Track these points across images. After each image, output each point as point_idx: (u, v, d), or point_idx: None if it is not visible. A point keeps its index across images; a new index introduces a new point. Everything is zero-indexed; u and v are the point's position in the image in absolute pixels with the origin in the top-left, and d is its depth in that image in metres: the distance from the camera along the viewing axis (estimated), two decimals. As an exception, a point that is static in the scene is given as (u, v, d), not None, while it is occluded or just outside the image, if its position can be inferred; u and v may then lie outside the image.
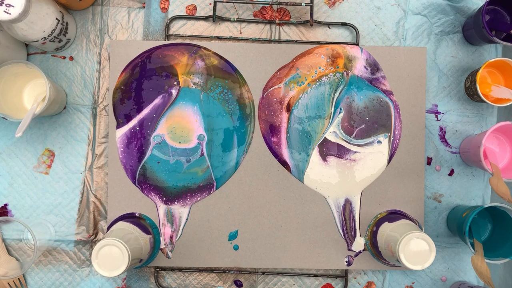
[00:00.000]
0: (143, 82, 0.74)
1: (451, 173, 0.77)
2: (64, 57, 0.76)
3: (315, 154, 0.75)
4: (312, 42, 0.76)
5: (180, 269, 0.75)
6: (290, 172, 0.75)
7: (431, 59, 0.77)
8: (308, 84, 0.75)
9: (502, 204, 0.69)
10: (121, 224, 0.69)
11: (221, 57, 0.75)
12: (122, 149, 0.74)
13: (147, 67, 0.74)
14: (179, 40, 0.76)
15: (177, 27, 0.77)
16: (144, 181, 0.74)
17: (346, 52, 0.75)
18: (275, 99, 0.75)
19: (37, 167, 0.75)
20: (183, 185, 0.74)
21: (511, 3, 0.73)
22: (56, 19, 0.68)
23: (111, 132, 0.74)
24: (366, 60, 0.75)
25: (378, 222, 0.71)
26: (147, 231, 0.70)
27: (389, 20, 0.77)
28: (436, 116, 0.77)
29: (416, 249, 0.61)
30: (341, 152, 0.75)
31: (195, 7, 0.77)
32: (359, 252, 0.74)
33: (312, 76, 0.75)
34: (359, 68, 0.75)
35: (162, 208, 0.74)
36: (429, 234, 0.73)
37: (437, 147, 0.77)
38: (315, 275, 0.75)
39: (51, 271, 0.75)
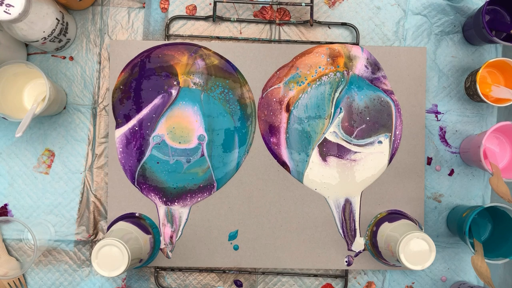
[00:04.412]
0: (143, 82, 0.74)
1: (451, 173, 0.77)
2: (64, 57, 0.76)
3: (315, 155, 0.75)
4: (312, 42, 0.76)
5: (180, 269, 0.75)
6: (290, 173, 0.75)
7: (431, 59, 0.77)
8: (308, 83, 0.75)
9: (502, 204, 0.69)
10: (121, 224, 0.69)
11: (221, 57, 0.75)
12: (121, 149, 0.74)
13: (146, 66, 0.74)
14: (179, 40, 0.76)
15: (177, 27, 0.77)
16: (143, 182, 0.74)
17: (346, 51, 0.75)
18: (274, 99, 0.75)
19: (37, 167, 0.75)
20: (183, 185, 0.74)
21: (511, 3, 0.73)
22: (56, 19, 0.67)
23: (111, 132, 0.74)
24: (367, 59, 0.75)
25: (378, 222, 0.71)
26: (147, 231, 0.70)
27: (389, 20, 0.77)
28: (436, 116, 0.77)
29: (416, 249, 0.61)
30: (341, 152, 0.74)
31: (195, 7, 0.77)
32: (359, 252, 0.74)
33: (312, 76, 0.75)
34: (360, 67, 0.75)
35: (162, 208, 0.74)
36: (429, 234, 0.73)
37: (437, 147, 0.77)
38: (315, 275, 0.75)
39: (51, 271, 0.75)
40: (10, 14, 0.59)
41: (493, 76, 0.75)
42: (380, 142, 0.75)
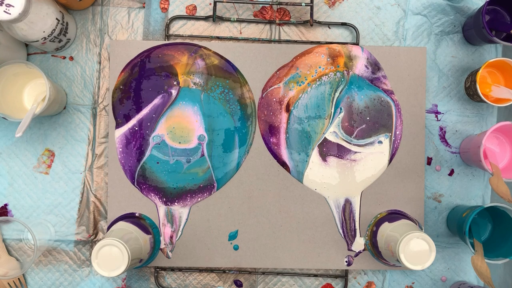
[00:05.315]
0: (142, 82, 0.74)
1: (451, 173, 0.77)
2: (64, 57, 0.76)
3: (315, 155, 0.75)
4: (312, 42, 0.76)
5: (180, 269, 0.75)
6: (290, 173, 0.75)
7: (431, 59, 0.77)
8: (308, 83, 0.75)
9: (502, 204, 0.69)
10: (121, 224, 0.69)
11: (221, 57, 0.75)
12: (121, 149, 0.74)
13: (146, 66, 0.74)
14: (179, 40, 0.76)
15: (177, 27, 0.77)
16: (143, 182, 0.74)
17: (346, 51, 0.75)
18: (274, 99, 0.75)
19: (37, 167, 0.75)
20: (183, 185, 0.74)
21: (511, 3, 0.73)
22: (56, 19, 0.67)
23: (111, 132, 0.74)
24: (367, 59, 0.75)
25: (378, 222, 0.71)
26: (147, 231, 0.70)
27: (389, 20, 0.77)
28: (436, 116, 0.77)
29: (416, 249, 0.61)
30: (341, 152, 0.74)
31: (195, 7, 0.77)
32: (359, 252, 0.74)
33: (312, 76, 0.75)
34: (360, 67, 0.75)
35: (162, 208, 0.74)
36: (429, 234, 0.73)
37: (437, 147, 0.77)
38: (315, 275, 0.75)
39: (51, 271, 0.75)
40: (10, 14, 0.59)
41: (493, 76, 0.75)
42: (380, 142, 0.75)
